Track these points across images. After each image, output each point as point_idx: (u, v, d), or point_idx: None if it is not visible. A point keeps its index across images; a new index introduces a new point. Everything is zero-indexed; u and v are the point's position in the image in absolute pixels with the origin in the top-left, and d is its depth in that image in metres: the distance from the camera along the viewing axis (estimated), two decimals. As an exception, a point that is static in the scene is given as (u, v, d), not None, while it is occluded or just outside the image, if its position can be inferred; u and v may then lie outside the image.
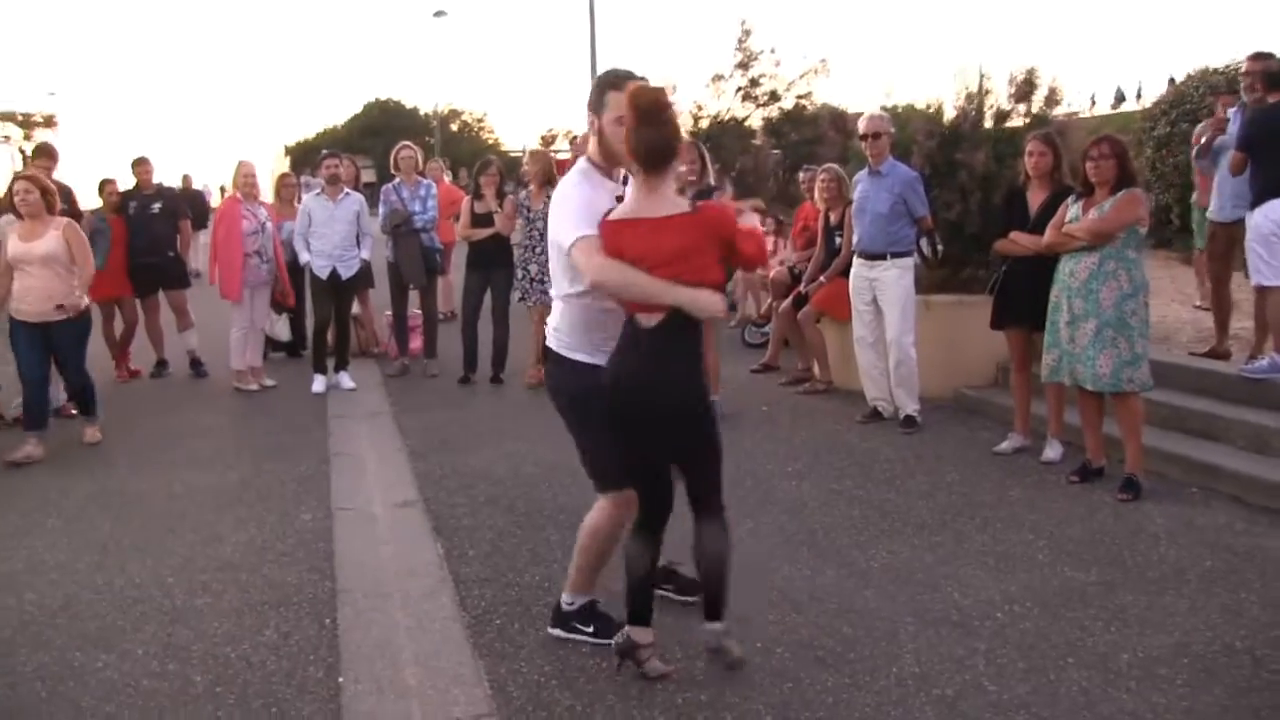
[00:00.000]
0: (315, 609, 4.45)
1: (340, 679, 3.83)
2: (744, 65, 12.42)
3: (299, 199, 10.13)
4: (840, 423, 7.32)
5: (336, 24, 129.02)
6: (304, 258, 8.83)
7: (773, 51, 12.44)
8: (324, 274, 8.79)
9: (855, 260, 7.32)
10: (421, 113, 54.99)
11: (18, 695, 3.82)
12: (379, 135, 45.66)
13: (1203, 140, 7.64)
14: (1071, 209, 5.69)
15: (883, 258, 7.10)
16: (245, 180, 8.94)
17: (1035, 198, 6.18)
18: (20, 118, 32.46)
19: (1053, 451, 6.19)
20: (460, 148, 46.03)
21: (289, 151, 22.93)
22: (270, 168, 18.71)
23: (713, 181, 7.37)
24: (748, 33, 12.33)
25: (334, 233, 8.79)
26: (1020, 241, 6.08)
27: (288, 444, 7.22)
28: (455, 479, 6.21)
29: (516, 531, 5.30)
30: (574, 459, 3.93)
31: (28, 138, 32.12)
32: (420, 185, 9.34)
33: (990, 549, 4.85)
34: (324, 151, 8.97)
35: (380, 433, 7.42)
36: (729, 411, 7.51)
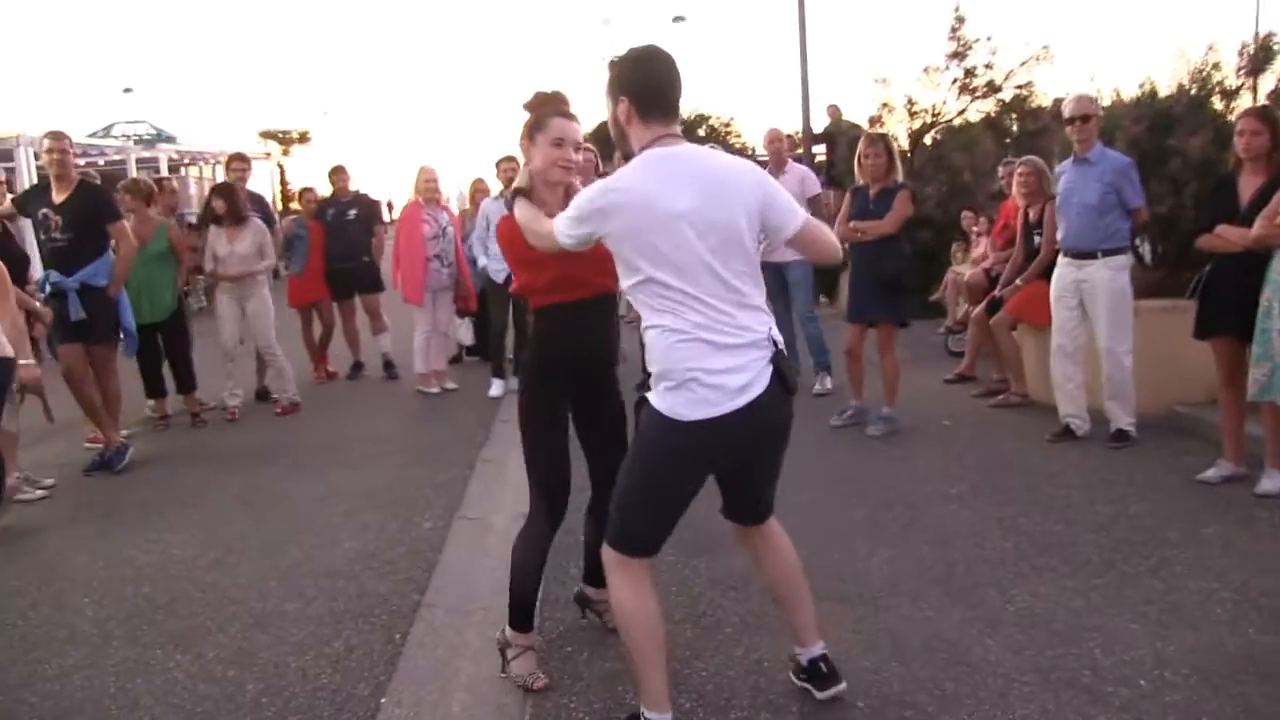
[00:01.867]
0: (391, 622, 4.26)
1: (384, 699, 3.60)
2: (959, 55, 11.57)
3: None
4: (1027, 440, 6.53)
5: (582, 31, 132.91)
6: (482, 262, 8.77)
7: (989, 39, 11.53)
8: (500, 278, 8.69)
9: (1060, 260, 6.51)
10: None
11: (91, 688, 3.83)
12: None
13: None
14: (1287, 196, 4.81)
15: (1092, 256, 6.26)
16: (426, 185, 9.00)
17: (1248, 184, 5.27)
18: (280, 135, 34.91)
19: (1270, 483, 5.24)
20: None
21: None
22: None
23: (899, 178, 6.79)
24: (961, 20, 11.50)
25: (513, 236, 8.66)
26: (1227, 236, 5.21)
27: (444, 448, 7.15)
28: (588, 490, 5.88)
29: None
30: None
31: (286, 153, 34.52)
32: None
33: (1158, 598, 4.09)
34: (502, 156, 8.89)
35: (537, 439, 7.21)
36: (907, 425, 6.90)
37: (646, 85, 2.96)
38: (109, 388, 7.18)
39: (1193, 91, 6.94)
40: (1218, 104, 6.98)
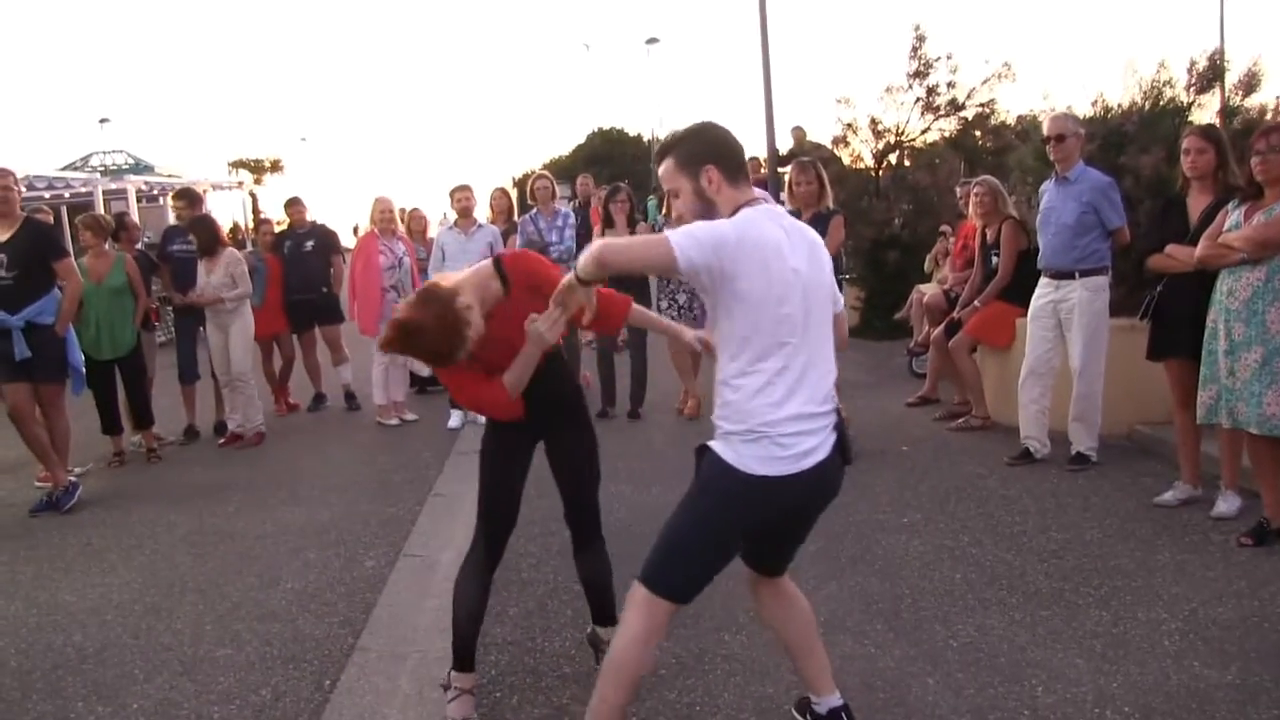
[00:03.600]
0: (322, 667, 4.14)
1: (304, 753, 3.49)
2: (920, 74, 11.54)
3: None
4: (985, 465, 6.46)
5: (557, 54, 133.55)
6: (439, 292, 8.69)
7: (950, 58, 11.50)
8: (459, 307, 8.61)
9: (1041, 279, 6.44)
10: (644, 140, 55.65)
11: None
12: (603, 164, 46.61)
13: None
14: (1232, 215, 4.75)
15: (1070, 276, 6.20)
16: (382, 215, 8.92)
17: (1196, 203, 5.23)
18: (253, 164, 34.82)
19: (1226, 505, 5.18)
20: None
21: (516, 183, 23.31)
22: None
23: (830, 204, 6.74)
24: (921, 39, 11.47)
25: (466, 265, 8.57)
26: (1176, 256, 5.15)
27: (396, 481, 7.04)
28: (540, 525, 5.76)
29: (572, 587, 4.80)
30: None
31: (258, 182, 34.41)
32: (558, 215, 9.05)
33: (1105, 630, 4.00)
34: (456, 185, 8.82)
35: (493, 472, 7.10)
36: (867, 449, 6.82)
37: (732, 152, 2.95)
38: (57, 426, 7.04)
39: (1145, 108, 6.89)
40: (1171, 121, 6.92)
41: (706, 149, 2.91)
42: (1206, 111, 6.87)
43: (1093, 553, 4.83)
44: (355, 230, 17.85)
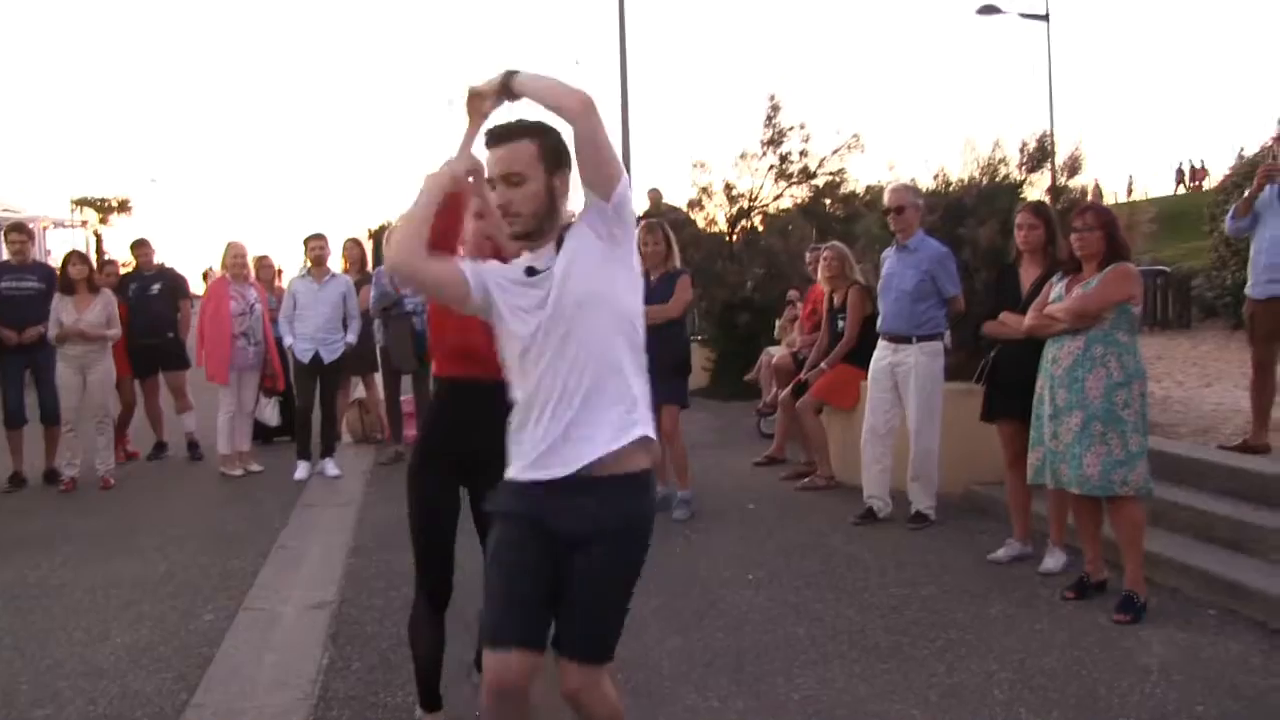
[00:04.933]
0: (152, 728, 3.95)
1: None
2: (774, 142, 11.94)
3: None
4: (831, 522, 6.63)
5: (412, 103, 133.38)
6: (287, 340, 8.53)
7: (802, 127, 11.95)
8: (306, 358, 8.48)
9: (879, 343, 6.69)
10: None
11: None
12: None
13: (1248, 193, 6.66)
14: (1056, 288, 5.04)
15: (908, 340, 6.47)
16: (234, 261, 8.73)
17: (1028, 274, 5.55)
18: (99, 203, 33.62)
19: (1053, 561, 5.44)
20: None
21: (371, 235, 22.94)
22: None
23: (678, 264, 6.88)
24: (776, 109, 11.89)
25: (318, 315, 8.50)
26: (1008, 323, 5.43)
27: (239, 534, 6.80)
28: (385, 579, 5.68)
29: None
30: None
31: (103, 221, 33.20)
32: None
33: (940, 681, 4.14)
34: (311, 233, 8.71)
35: (339, 525, 6.94)
36: (712, 508, 6.93)
37: None
38: None
39: (983, 183, 7.28)
40: (1006, 196, 7.32)
41: (568, 154, 2.66)
42: (1037, 189, 7.31)
43: (930, 607, 5.01)
44: (205, 275, 17.36)
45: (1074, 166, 7.14)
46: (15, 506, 7.92)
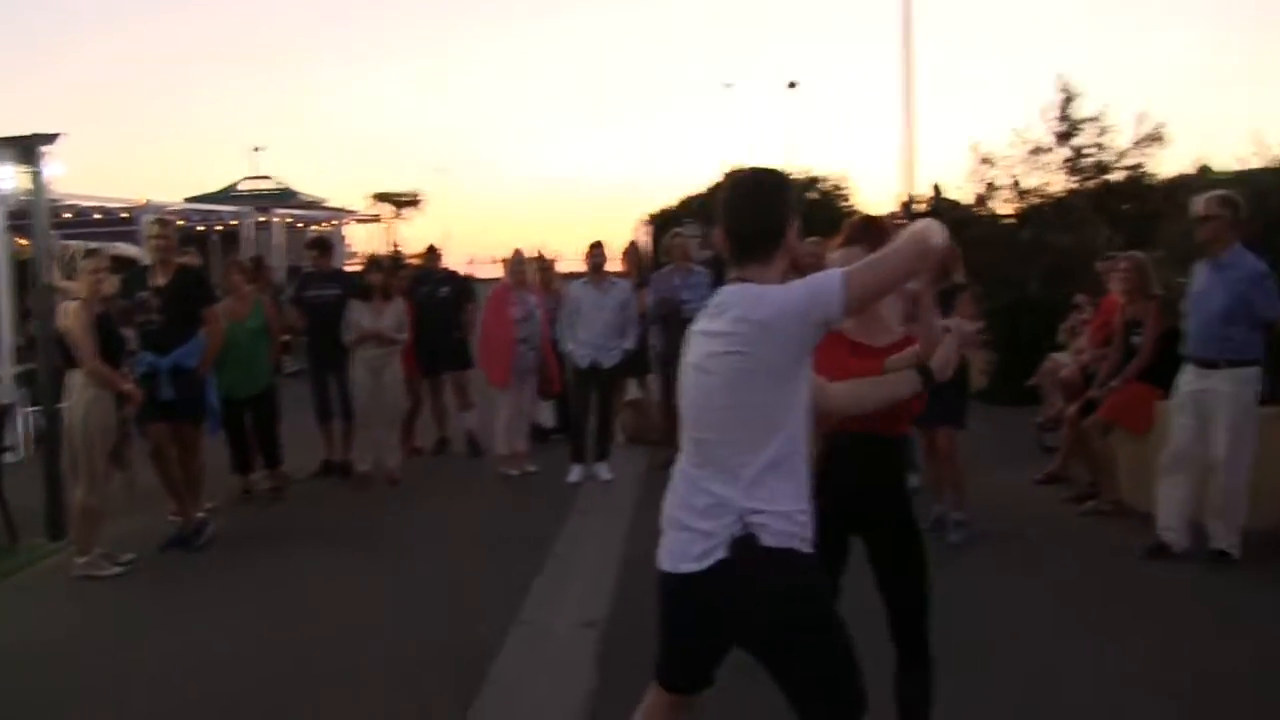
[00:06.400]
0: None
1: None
2: (1066, 135, 11.24)
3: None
4: (1115, 554, 6.20)
5: (698, 92, 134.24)
6: (568, 347, 8.76)
7: (1098, 119, 11.16)
8: (584, 364, 8.69)
9: (1187, 366, 6.15)
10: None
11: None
12: (739, 203, 46.83)
13: None
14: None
15: (1215, 365, 5.93)
16: (516, 267, 9.07)
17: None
18: (393, 197, 35.78)
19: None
20: (819, 213, 46.66)
21: (651, 219, 23.43)
22: (634, 236, 19.35)
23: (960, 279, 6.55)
24: (1069, 99, 11.17)
25: (599, 322, 8.67)
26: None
27: (514, 537, 7.08)
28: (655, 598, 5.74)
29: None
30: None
31: (397, 216, 35.30)
32: (693, 273, 8.98)
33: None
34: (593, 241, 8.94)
35: (611, 534, 7.10)
36: (990, 531, 6.63)
37: None
38: (192, 466, 7.31)
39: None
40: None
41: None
42: None
43: (1235, 668, 4.56)
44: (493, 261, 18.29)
45: None
46: (313, 497, 8.56)
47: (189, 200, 20.45)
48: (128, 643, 5.41)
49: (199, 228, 17.12)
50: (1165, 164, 11.74)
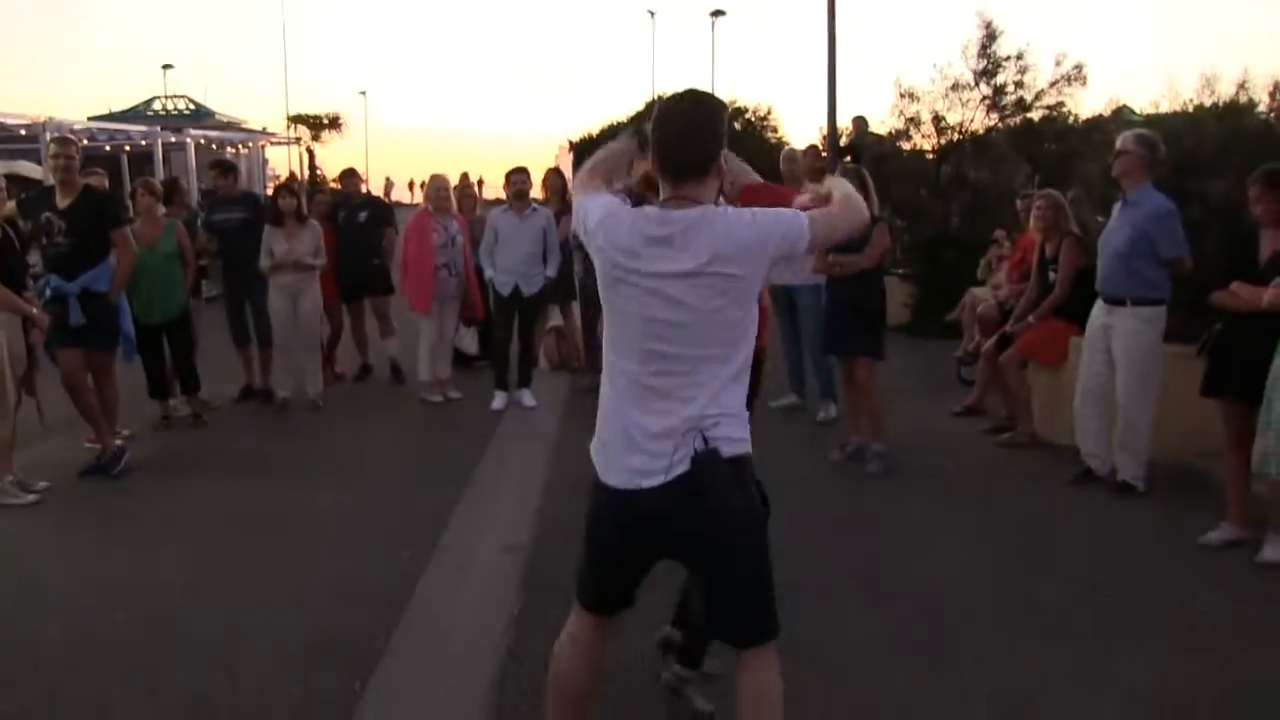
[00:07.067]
0: (351, 670, 4.12)
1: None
2: (988, 73, 11.33)
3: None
4: (1031, 485, 6.42)
5: (618, 22, 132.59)
6: (488, 273, 8.71)
7: (1019, 58, 11.27)
8: (506, 290, 8.64)
9: (1097, 302, 6.31)
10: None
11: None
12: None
13: None
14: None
15: (1121, 303, 6.08)
16: (438, 194, 8.95)
17: (1268, 242, 5.09)
18: (311, 119, 35.02)
19: (1273, 551, 5.06)
20: (745, 145, 46.43)
21: (572, 147, 23.31)
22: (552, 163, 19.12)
23: (876, 212, 6.61)
24: (991, 36, 11.25)
25: (519, 249, 8.61)
26: (1241, 295, 5.02)
27: (438, 466, 7.07)
28: (576, 524, 5.76)
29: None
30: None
31: (316, 138, 34.56)
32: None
33: (1138, 682, 3.92)
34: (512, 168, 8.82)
35: (534, 459, 7.16)
36: (907, 463, 6.78)
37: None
38: (107, 392, 7.14)
39: (1219, 130, 6.70)
40: (1246, 145, 6.73)
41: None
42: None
43: (1133, 591, 4.76)
44: (411, 185, 18.00)
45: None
46: (233, 423, 8.46)
47: (94, 119, 19.71)
48: (42, 572, 5.31)
49: (107, 148, 16.54)
50: (1084, 105, 11.94)
